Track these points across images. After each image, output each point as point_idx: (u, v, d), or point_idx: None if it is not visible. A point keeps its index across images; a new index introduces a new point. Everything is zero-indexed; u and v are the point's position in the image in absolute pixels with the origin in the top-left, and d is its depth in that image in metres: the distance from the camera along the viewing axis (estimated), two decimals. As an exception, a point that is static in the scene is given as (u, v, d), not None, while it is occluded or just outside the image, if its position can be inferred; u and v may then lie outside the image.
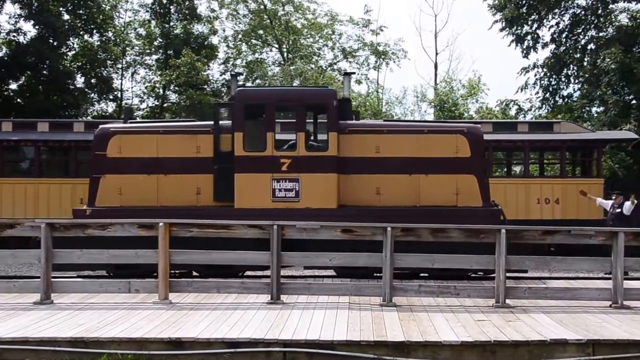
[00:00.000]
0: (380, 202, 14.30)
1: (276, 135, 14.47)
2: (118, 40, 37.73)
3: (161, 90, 38.83)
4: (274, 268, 10.55)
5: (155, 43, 39.06)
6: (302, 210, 13.87)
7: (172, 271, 13.92)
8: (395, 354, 8.15)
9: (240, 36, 44.42)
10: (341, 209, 14.08)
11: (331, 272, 15.21)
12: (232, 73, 16.70)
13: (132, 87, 41.91)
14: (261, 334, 8.46)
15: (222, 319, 9.41)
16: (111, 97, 37.86)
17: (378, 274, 13.56)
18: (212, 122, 14.75)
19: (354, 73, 17.68)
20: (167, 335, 8.42)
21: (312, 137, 15.20)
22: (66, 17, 33.91)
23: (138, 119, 26.65)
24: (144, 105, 40.81)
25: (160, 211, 13.59)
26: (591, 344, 8.34)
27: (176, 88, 36.28)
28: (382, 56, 44.36)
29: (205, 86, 37.21)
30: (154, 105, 39.78)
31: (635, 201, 17.09)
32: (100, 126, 15.29)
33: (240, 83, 42.66)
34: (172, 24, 38.66)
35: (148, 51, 39.67)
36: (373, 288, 11.00)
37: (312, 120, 15.54)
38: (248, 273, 15.16)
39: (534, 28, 35.46)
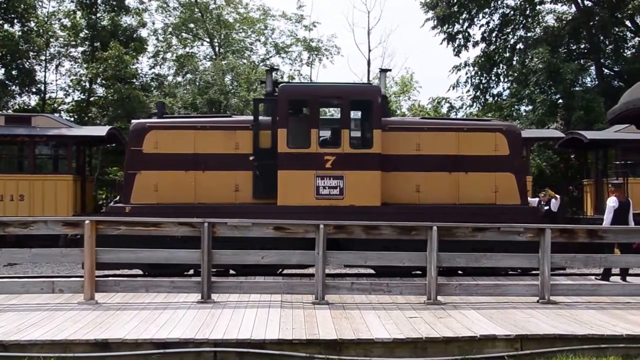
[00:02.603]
0: (419, 200, 14.32)
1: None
2: (41, 30, 36.31)
3: (87, 84, 37.70)
4: (205, 266, 10.37)
5: (81, 35, 37.81)
6: (346, 208, 13.82)
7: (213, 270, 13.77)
8: (327, 352, 8.11)
9: (170, 29, 43.67)
10: (384, 207, 14.00)
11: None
12: (267, 68, 16.38)
13: (56, 80, 40.43)
14: (191, 334, 8.29)
15: (151, 319, 9.19)
16: (34, 90, 36.47)
17: (416, 272, 13.57)
18: (251, 118, 14.49)
19: (390, 70, 17.61)
20: (92, 337, 8.16)
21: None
22: (-17, 5, 32.54)
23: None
24: (69, 99, 39.60)
25: (199, 209, 13.40)
26: (519, 339, 8.49)
27: (103, 82, 35.26)
28: (315, 52, 44.33)
29: (134, 80, 36.36)
30: (80, 99, 38.60)
31: (558, 196, 17.55)
32: (136, 121, 15.03)
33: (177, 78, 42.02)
34: (98, 15, 37.50)
35: (73, 43, 38.34)
36: (305, 286, 10.95)
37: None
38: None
39: (465, 27, 36.17)
